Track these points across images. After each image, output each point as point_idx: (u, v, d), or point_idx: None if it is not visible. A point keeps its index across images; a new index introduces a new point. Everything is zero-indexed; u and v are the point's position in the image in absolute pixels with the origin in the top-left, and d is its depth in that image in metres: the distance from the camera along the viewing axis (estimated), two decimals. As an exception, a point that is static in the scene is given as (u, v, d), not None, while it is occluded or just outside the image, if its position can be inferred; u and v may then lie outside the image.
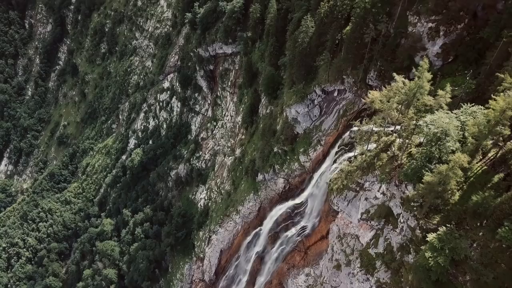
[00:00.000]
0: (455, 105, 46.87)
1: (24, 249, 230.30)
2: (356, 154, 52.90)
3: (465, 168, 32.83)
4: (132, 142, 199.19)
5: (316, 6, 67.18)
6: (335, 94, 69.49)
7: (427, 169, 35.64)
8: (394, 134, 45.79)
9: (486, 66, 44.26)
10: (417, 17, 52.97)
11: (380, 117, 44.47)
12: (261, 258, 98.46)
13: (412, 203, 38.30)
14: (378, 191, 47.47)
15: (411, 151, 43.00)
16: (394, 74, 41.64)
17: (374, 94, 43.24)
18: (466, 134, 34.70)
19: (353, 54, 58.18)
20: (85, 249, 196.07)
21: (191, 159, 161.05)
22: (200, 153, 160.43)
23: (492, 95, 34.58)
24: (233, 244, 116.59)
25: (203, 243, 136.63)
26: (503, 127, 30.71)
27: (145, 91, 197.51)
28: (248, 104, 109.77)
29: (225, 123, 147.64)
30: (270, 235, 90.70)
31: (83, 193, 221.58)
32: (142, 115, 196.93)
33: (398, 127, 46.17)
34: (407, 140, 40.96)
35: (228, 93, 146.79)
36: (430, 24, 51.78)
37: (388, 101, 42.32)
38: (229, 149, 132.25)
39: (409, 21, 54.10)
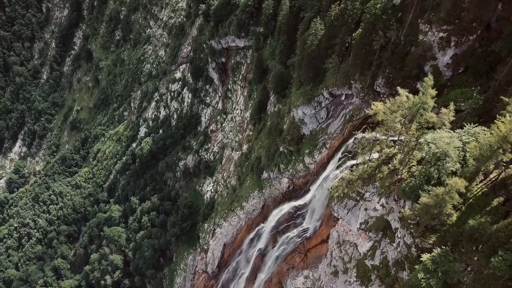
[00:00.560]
0: (462, 120, 45.99)
1: (35, 230, 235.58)
2: (358, 162, 52.32)
3: (463, 193, 32.15)
4: (142, 130, 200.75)
5: (327, 7, 66.01)
6: (343, 98, 68.62)
7: (425, 188, 35.07)
8: (397, 147, 45.06)
9: (496, 82, 43.07)
10: (429, 26, 51.61)
11: (383, 129, 43.68)
12: (262, 255, 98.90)
13: (409, 221, 37.80)
14: (378, 202, 46.94)
15: (412, 165, 42.47)
16: (398, 88, 40.72)
17: (377, 106, 42.50)
18: (467, 155, 33.91)
19: (361, 60, 57.22)
20: (93, 233, 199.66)
21: (200, 150, 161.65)
22: (209, 145, 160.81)
23: (497, 115, 33.90)
24: (236, 239, 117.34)
25: (207, 235, 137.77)
26: (503, 153, 29.90)
27: (157, 80, 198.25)
28: (257, 101, 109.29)
29: (235, 116, 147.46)
30: (272, 233, 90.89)
31: (93, 178, 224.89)
32: (153, 104, 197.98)
33: (402, 137, 45.45)
34: (408, 155, 40.25)
35: (239, 87, 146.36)
36: (441, 34, 50.44)
37: (392, 114, 41.58)
38: (236, 143, 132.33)
39: (420, 29, 52.77)
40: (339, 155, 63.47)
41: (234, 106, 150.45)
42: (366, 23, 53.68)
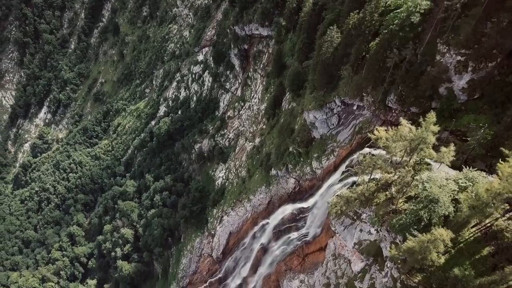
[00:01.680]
0: (468, 153, 44.45)
1: (54, 196, 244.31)
2: (358, 182, 51.46)
3: (452, 239, 31.38)
4: (162, 109, 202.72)
5: (347, 14, 63.85)
6: (355, 107, 67.15)
7: (412, 230, 34.43)
8: (396, 174, 43.99)
9: (508, 118, 41.21)
10: (447, 47, 49.43)
11: (384, 155, 42.67)
12: (264, 250, 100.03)
13: (396, 256, 37.21)
14: (373, 227, 46.37)
15: (410, 196, 41.58)
16: (401, 118, 39.48)
17: (380, 133, 41.41)
18: (462, 200, 32.86)
19: (374, 75, 55.50)
20: (108, 205, 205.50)
21: (216, 135, 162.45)
22: (225, 131, 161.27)
23: (500, 160, 32.68)
24: (241, 229, 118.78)
25: (215, 221, 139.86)
26: (496, 209, 28.86)
27: (180, 60, 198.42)
28: (273, 96, 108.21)
29: (252, 105, 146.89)
30: (275, 231, 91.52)
31: (112, 151, 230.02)
32: (174, 84, 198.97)
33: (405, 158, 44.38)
34: (405, 188, 39.36)
35: (259, 76, 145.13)
36: (459, 57, 48.29)
37: (394, 143, 40.51)
38: (250, 134, 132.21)
39: (438, 49, 50.59)
40: (343, 167, 62.60)
41: (252, 95, 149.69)
42: (382, 39, 51.77)
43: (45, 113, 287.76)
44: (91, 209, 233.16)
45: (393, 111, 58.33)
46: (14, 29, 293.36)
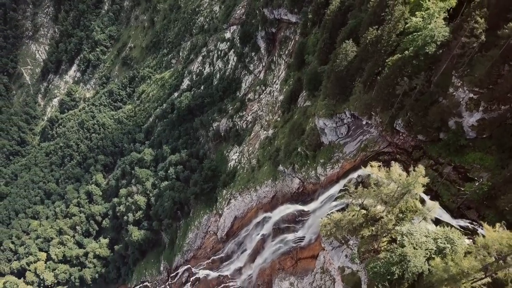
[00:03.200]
0: (462, 201, 43.29)
1: (77, 153, 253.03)
2: (348, 209, 51.09)
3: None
4: (186, 82, 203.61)
5: (367, 25, 61.39)
6: (364, 122, 65.79)
7: (388, 277, 34.35)
8: (385, 212, 43.46)
9: (508, 172, 39.61)
10: (461, 81, 47.24)
11: (374, 190, 42.10)
12: (264, 241, 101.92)
13: (368, 299, 37.49)
14: (352, 262, 46.43)
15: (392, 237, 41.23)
16: (393, 162, 38.59)
17: (373, 169, 40.83)
18: (434, 265, 32.41)
19: (383, 99, 53.88)
20: (126, 169, 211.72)
21: (235, 116, 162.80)
22: (244, 113, 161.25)
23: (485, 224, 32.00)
24: (245, 216, 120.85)
25: (224, 202, 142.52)
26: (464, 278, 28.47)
27: (207, 35, 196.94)
28: (290, 90, 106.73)
29: (273, 91, 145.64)
30: (275, 228, 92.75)
31: (134, 117, 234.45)
32: (200, 58, 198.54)
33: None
34: (387, 231, 39.01)
35: (283, 61, 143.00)
36: (471, 95, 46.21)
37: (386, 181, 39.92)
38: (266, 123, 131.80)
39: (452, 82, 48.46)
40: (343, 182, 62.14)
41: (274, 80, 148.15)
42: (393, 64, 49.86)
43: (74, 71, 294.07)
44: (110, 171, 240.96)
45: (400, 134, 56.99)
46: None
